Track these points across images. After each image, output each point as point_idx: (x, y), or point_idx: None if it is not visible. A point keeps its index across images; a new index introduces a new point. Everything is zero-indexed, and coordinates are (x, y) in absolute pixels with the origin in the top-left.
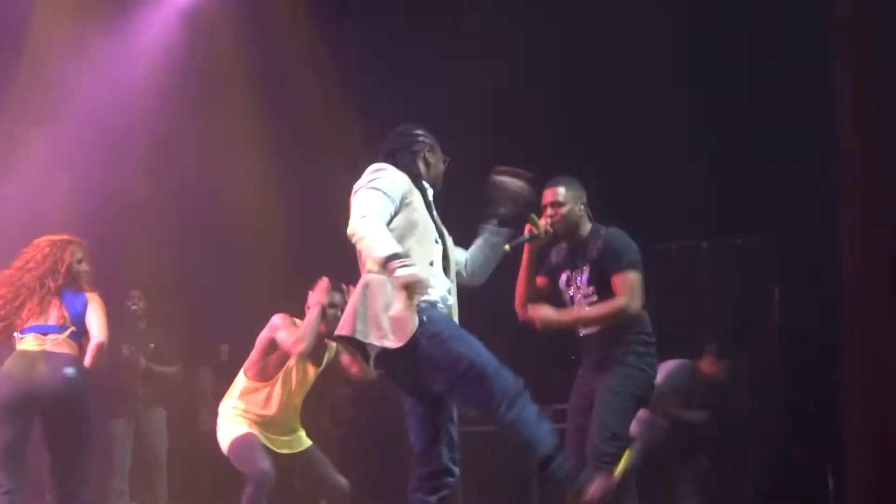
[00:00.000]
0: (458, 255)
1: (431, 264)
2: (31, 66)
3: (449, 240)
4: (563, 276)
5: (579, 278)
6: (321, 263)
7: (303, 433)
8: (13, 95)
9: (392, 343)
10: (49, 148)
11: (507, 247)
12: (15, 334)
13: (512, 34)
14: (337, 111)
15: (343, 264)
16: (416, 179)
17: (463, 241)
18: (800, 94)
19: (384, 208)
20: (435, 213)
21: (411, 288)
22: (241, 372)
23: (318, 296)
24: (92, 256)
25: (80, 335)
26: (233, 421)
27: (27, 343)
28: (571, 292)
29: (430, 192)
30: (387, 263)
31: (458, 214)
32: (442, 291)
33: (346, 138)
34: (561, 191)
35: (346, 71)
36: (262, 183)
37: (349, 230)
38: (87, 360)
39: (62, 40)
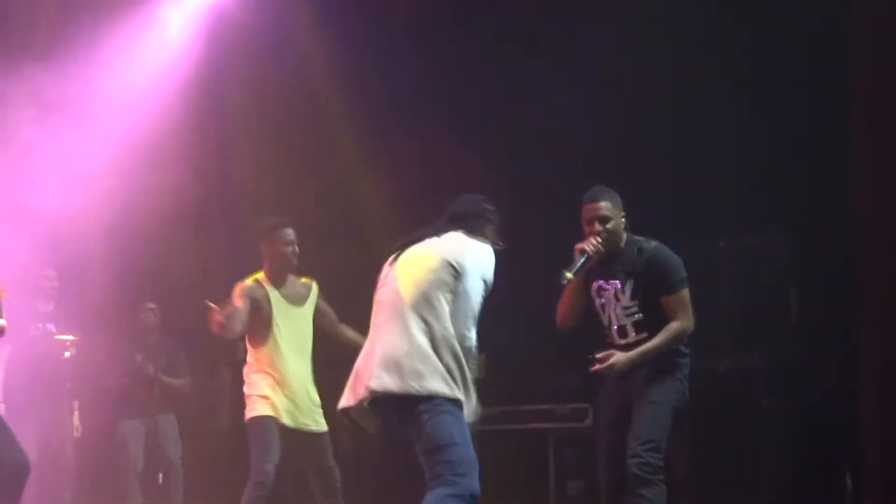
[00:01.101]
0: None
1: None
2: (53, 64)
3: None
4: (595, 286)
5: (617, 290)
6: (334, 264)
7: (321, 415)
8: (30, 92)
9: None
10: (64, 155)
11: (568, 275)
12: None
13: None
14: (361, 122)
15: (352, 265)
16: None
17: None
18: (816, 93)
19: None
20: None
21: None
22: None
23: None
24: (109, 262)
25: None
26: (253, 398)
27: None
28: (603, 301)
29: None
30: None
31: None
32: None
33: (368, 149)
34: (606, 205)
35: (372, 80)
36: (279, 184)
37: (460, 334)
38: None
39: (85, 38)
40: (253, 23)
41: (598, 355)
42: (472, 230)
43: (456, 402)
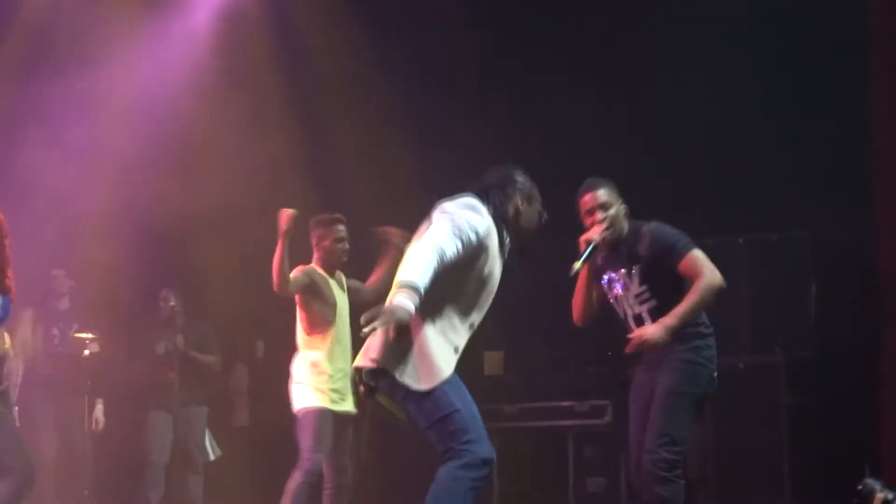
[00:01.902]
0: None
1: (472, 326)
2: (70, 68)
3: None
4: (605, 278)
5: (625, 278)
6: (355, 265)
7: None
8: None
9: (417, 385)
10: (87, 147)
11: (576, 265)
12: None
13: None
14: (379, 122)
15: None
16: (500, 223)
17: None
18: (835, 91)
19: (452, 247)
20: (499, 268)
21: (387, 319)
22: (302, 335)
23: (282, 226)
24: (128, 253)
25: None
26: (306, 388)
27: None
28: (615, 292)
29: (508, 244)
30: (399, 287)
31: None
32: (458, 343)
33: (385, 146)
34: (603, 192)
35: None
36: (299, 184)
37: (409, 251)
38: None
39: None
40: (282, 19)
41: (632, 335)
42: (498, 203)
43: None
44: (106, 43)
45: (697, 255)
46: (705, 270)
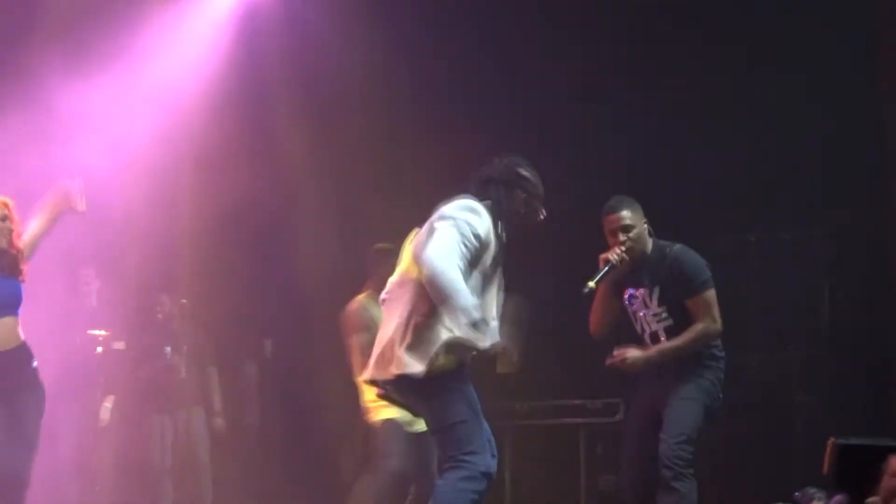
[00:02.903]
0: None
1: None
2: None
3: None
4: (626, 294)
5: (645, 297)
6: (362, 262)
7: None
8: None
9: (412, 370)
10: (96, 144)
11: (591, 283)
12: None
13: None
14: (397, 120)
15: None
16: (498, 219)
17: None
18: (849, 90)
19: (462, 254)
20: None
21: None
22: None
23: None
24: (136, 252)
25: None
26: (377, 406)
27: None
28: (635, 309)
29: (503, 236)
30: (473, 327)
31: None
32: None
33: (403, 145)
34: (626, 213)
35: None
36: (308, 182)
37: (429, 262)
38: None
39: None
40: (297, 15)
41: (615, 351)
42: (499, 196)
43: (459, 375)
44: (126, 40)
45: (708, 297)
46: (706, 318)
